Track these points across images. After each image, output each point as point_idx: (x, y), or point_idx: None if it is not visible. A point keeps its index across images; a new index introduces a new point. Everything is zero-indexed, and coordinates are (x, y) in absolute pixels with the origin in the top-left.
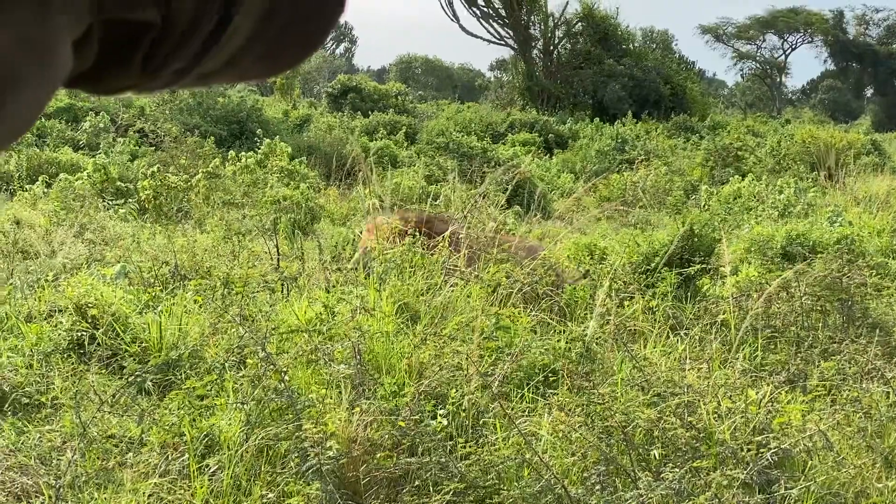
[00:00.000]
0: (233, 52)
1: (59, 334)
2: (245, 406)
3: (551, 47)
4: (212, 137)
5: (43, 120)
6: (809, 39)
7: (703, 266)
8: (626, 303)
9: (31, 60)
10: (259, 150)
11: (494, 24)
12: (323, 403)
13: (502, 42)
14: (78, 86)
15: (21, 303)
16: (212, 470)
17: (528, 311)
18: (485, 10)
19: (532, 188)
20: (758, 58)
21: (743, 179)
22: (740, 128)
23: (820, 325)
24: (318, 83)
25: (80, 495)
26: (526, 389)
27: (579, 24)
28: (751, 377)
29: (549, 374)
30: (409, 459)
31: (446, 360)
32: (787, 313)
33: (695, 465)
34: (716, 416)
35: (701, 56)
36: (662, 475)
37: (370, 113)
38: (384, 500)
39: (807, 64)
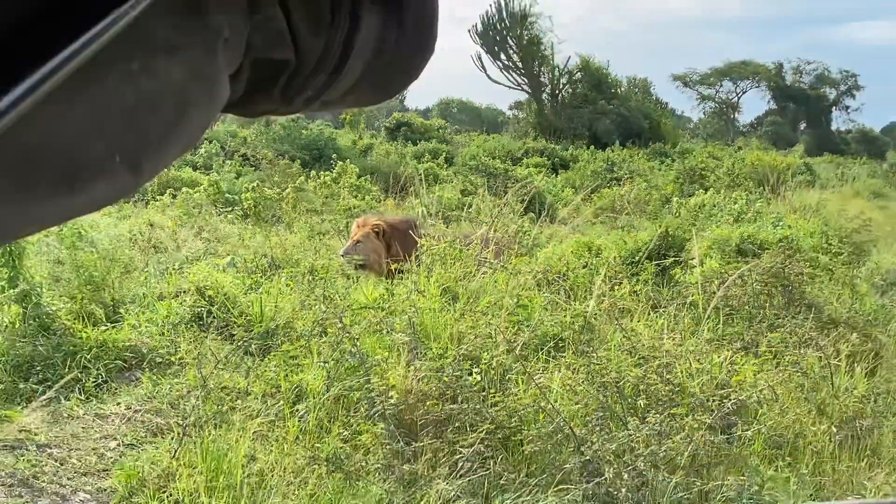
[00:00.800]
0: (350, 84)
1: (184, 309)
2: (326, 365)
3: (557, 91)
4: (298, 160)
5: None
6: (757, 85)
7: (676, 259)
8: (616, 287)
9: (201, 90)
10: (334, 170)
11: (513, 74)
12: (386, 363)
13: (519, 87)
14: (230, 110)
15: (155, 285)
16: (300, 413)
17: (542, 292)
18: (506, 63)
19: (542, 199)
20: (716, 99)
21: (706, 193)
22: (703, 153)
23: (767, 305)
24: (379, 119)
25: (201, 432)
26: (540, 353)
27: (579, 73)
28: (714, 345)
29: (559, 342)
30: (451, 406)
31: (480, 330)
32: (742, 296)
33: (672, 412)
34: (688, 374)
35: (672, 98)
36: (647, 420)
37: (418, 142)
38: (433, 437)
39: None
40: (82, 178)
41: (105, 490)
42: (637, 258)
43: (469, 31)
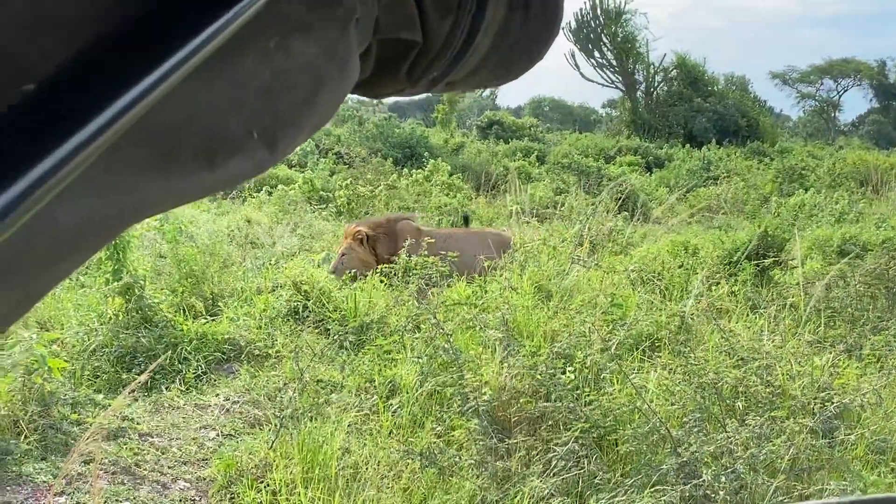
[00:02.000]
0: (474, 65)
1: (281, 303)
2: (420, 360)
3: (652, 89)
4: (390, 158)
5: None
6: (858, 83)
7: (775, 259)
8: (714, 287)
9: (333, 68)
10: (426, 168)
11: (607, 72)
12: (479, 359)
13: (613, 85)
14: (357, 91)
15: (252, 280)
16: (394, 408)
17: (636, 292)
18: (600, 61)
19: (636, 198)
20: (816, 97)
21: (806, 193)
22: (803, 152)
23: (870, 307)
24: (470, 118)
25: (297, 424)
26: (636, 353)
27: (674, 71)
28: (816, 347)
29: (654, 342)
30: (545, 404)
31: (574, 328)
32: (844, 297)
33: (772, 414)
34: (788, 376)
35: (771, 96)
36: (746, 422)
37: (509, 141)
38: (526, 435)
39: (856, 102)
40: (221, 153)
41: (204, 479)
42: (735, 258)
43: (562, 28)
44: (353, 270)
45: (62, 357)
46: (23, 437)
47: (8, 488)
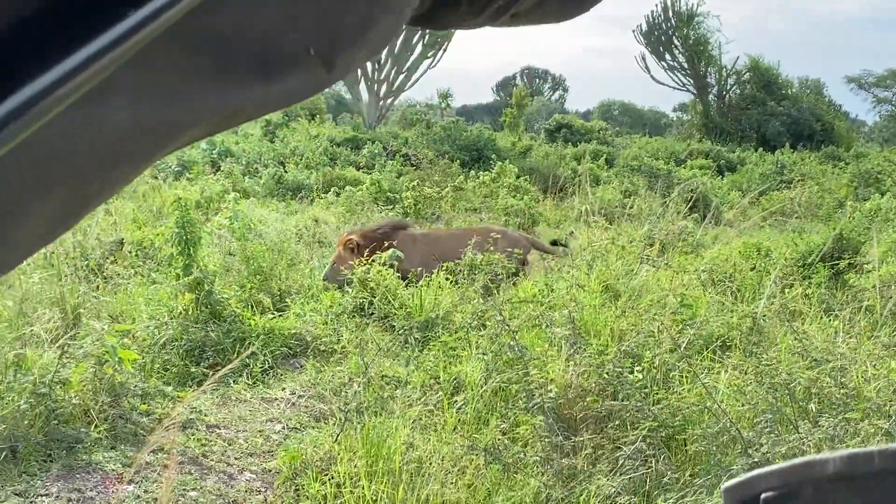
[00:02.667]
0: None
1: (347, 300)
2: (485, 357)
3: (724, 92)
4: (457, 160)
5: (335, 147)
6: None
7: (850, 263)
8: (786, 289)
9: None
10: (493, 171)
11: (679, 74)
12: (545, 356)
13: (684, 88)
14: (418, 23)
15: (319, 277)
16: (459, 404)
17: (707, 293)
18: (671, 63)
19: (707, 201)
20: (893, 102)
21: (882, 197)
22: (879, 157)
23: None
24: (538, 122)
25: (362, 418)
26: (705, 353)
27: (747, 73)
28: (892, 350)
29: (724, 343)
30: (612, 402)
31: (642, 327)
32: None
33: (846, 416)
34: (863, 379)
35: (846, 100)
36: (819, 423)
37: (578, 144)
38: (593, 432)
39: None
40: (277, 67)
41: (270, 471)
42: (809, 261)
43: (633, 31)
44: (339, 282)
45: (133, 350)
46: (93, 426)
47: (78, 476)
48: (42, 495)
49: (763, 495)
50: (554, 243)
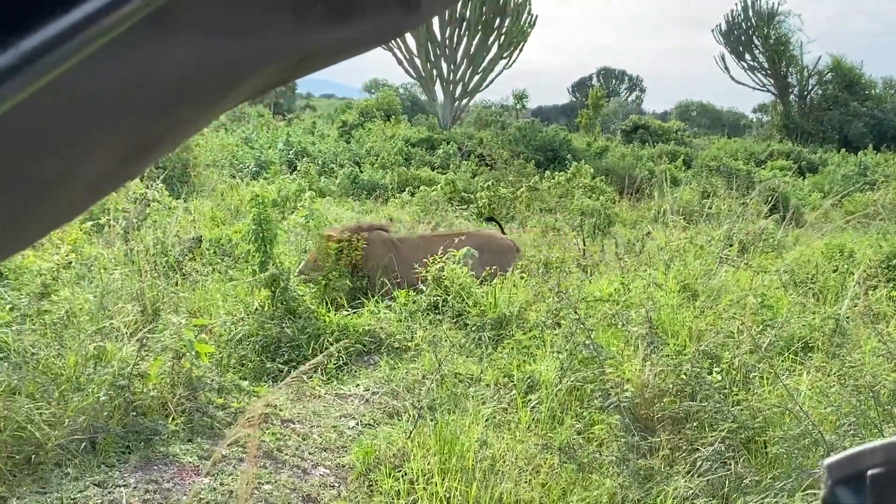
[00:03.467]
0: None
1: (421, 298)
2: (559, 356)
3: (805, 93)
4: (533, 161)
5: (410, 148)
6: None
7: None
8: (870, 291)
9: None
10: (568, 171)
11: (759, 74)
12: (621, 356)
13: (764, 88)
14: None
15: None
16: (533, 403)
17: (788, 294)
18: (751, 63)
19: (787, 202)
20: None
21: None
22: None
23: None
24: (614, 123)
25: (435, 415)
26: (786, 354)
27: (829, 74)
28: None
29: (806, 345)
30: (690, 403)
31: (721, 327)
32: None
33: None
34: None
35: None
36: None
37: (655, 144)
38: (670, 433)
39: None
40: (355, 5)
41: (343, 466)
42: (894, 263)
43: (712, 30)
44: (315, 278)
45: (210, 344)
46: (170, 418)
47: (155, 468)
48: (120, 486)
49: (870, 472)
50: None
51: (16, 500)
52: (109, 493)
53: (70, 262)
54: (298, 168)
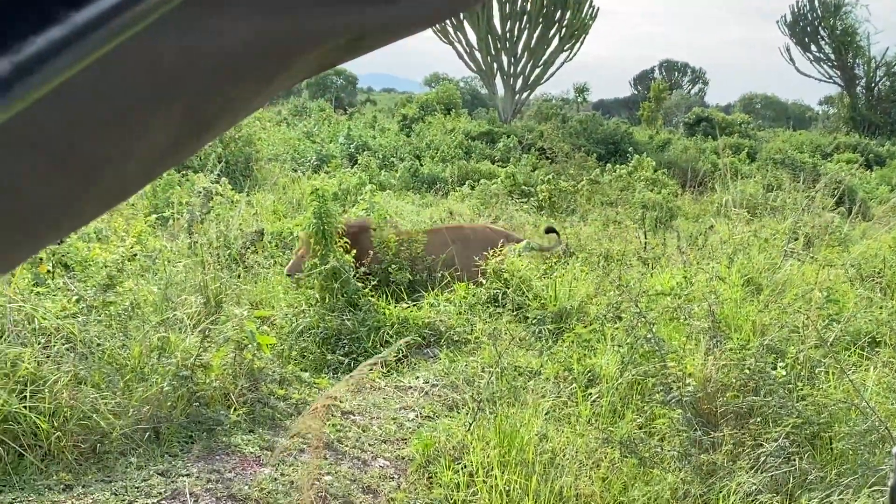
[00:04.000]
0: None
1: (481, 290)
2: (620, 349)
3: (872, 84)
4: (594, 154)
5: (470, 141)
6: None
7: None
8: None
9: None
10: (630, 164)
11: (824, 66)
12: (683, 350)
13: (831, 80)
14: None
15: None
16: (593, 397)
17: (855, 288)
18: (817, 55)
19: (853, 196)
20: None
21: None
22: None
23: None
24: (676, 115)
25: (495, 408)
26: (853, 349)
27: None
28: None
29: (873, 340)
30: (753, 398)
31: (786, 321)
32: None
33: None
34: None
35: None
36: None
37: (718, 137)
38: (733, 429)
39: None
40: None
41: (403, 458)
42: None
43: (777, 21)
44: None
45: (271, 336)
46: (232, 409)
47: (217, 457)
48: (183, 475)
49: None
50: (549, 231)
51: (81, 488)
52: (172, 482)
53: (135, 255)
54: (359, 162)
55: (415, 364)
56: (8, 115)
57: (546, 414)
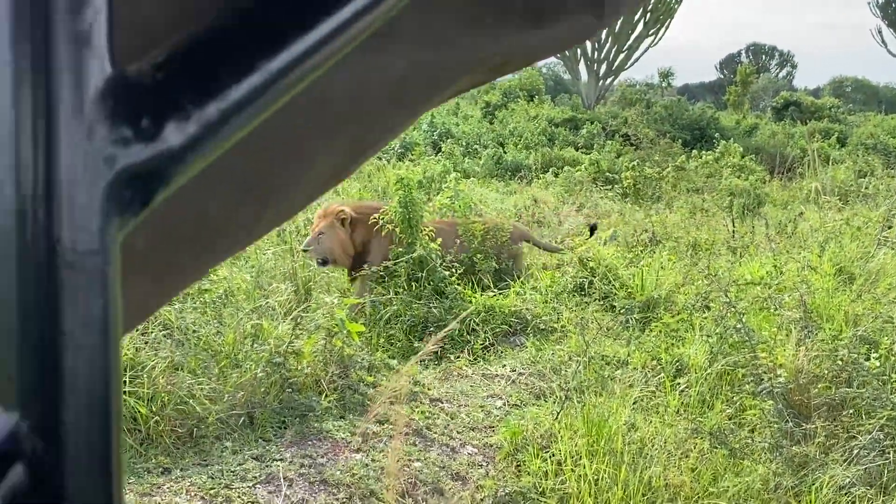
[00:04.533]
0: None
1: (566, 279)
2: (709, 339)
3: None
4: (679, 140)
5: (553, 128)
6: None
7: None
8: None
9: None
10: (716, 150)
11: None
12: (773, 340)
13: None
14: None
15: (538, 256)
16: (681, 387)
17: None
18: None
19: None
20: None
21: None
22: None
23: None
24: (764, 100)
25: (582, 397)
26: None
27: None
28: None
29: None
30: (846, 389)
31: (880, 311)
32: None
33: None
34: None
35: None
36: None
37: (807, 122)
38: (825, 421)
39: None
40: (548, 13)
41: (491, 446)
42: None
43: (868, 3)
44: (324, 255)
45: (360, 324)
46: (323, 395)
47: (309, 443)
48: (277, 460)
49: None
50: (592, 229)
51: (179, 472)
52: (267, 466)
53: None
54: (443, 149)
55: (501, 352)
56: (214, 155)
57: (634, 403)
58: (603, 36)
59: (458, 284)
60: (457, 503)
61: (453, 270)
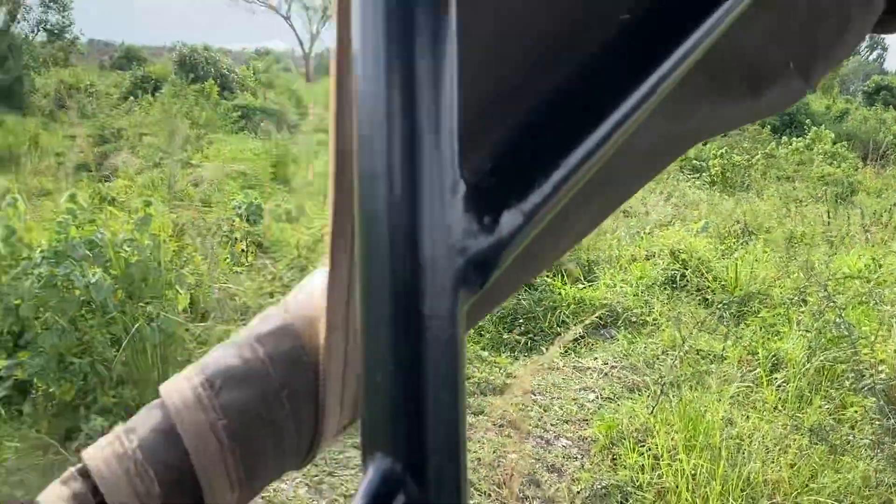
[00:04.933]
0: None
1: (657, 272)
2: (808, 334)
3: None
4: (768, 126)
5: None
6: None
7: None
8: None
9: (858, 3)
10: (807, 136)
11: None
12: (874, 336)
13: None
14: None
15: (626, 247)
16: (778, 382)
17: None
18: None
19: None
20: None
21: None
22: None
23: None
24: (854, 84)
25: (678, 392)
26: None
27: None
28: None
29: None
30: None
31: None
32: None
33: None
34: None
35: None
36: None
37: None
38: None
39: None
40: (764, 82)
41: (585, 439)
42: None
43: None
44: None
45: None
46: None
47: None
48: None
49: None
50: None
51: None
52: None
53: (323, 236)
54: None
55: (592, 345)
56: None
57: (730, 398)
58: None
59: (548, 276)
60: (554, 495)
61: None
